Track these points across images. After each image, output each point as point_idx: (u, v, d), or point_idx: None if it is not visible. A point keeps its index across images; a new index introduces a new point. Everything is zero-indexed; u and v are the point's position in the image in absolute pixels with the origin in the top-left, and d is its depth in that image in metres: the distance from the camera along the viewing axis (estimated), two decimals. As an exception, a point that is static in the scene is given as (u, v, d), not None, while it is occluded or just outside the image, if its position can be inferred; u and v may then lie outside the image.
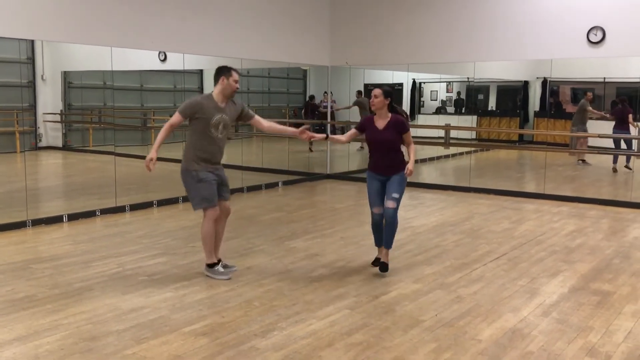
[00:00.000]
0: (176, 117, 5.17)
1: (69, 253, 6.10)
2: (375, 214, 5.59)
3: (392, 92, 5.55)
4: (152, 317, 4.36)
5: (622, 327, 4.29)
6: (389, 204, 5.39)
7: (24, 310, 4.45)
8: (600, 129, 11.60)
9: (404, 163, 5.42)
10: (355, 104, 13.44)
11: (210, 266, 5.33)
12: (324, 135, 5.70)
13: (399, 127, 5.40)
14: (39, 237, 6.84)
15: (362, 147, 13.71)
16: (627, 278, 5.46)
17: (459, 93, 15.76)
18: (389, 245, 5.52)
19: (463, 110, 15.64)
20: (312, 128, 13.36)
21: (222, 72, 5.18)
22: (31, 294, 4.81)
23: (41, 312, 4.42)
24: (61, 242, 6.59)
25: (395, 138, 5.41)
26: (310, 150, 13.56)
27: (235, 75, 5.17)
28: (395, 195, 5.38)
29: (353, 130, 5.63)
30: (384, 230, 5.52)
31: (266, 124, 5.53)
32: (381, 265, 5.50)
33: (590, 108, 12.01)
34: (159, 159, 5.28)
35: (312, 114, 13.76)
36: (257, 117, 5.49)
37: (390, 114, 5.43)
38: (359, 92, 13.52)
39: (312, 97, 13.99)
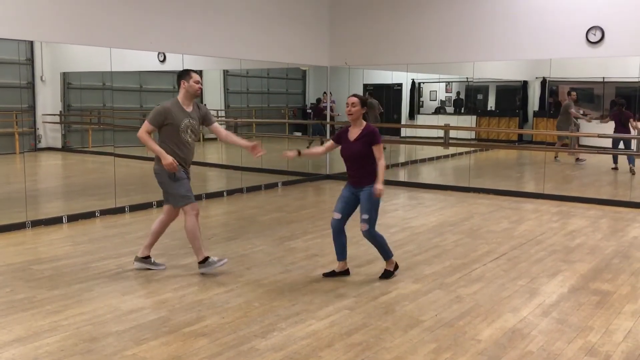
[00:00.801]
0: (146, 126, 5.28)
1: (69, 254, 6.10)
2: (333, 219, 5.37)
3: (367, 101, 5.42)
4: (152, 317, 4.36)
5: (621, 326, 4.29)
6: (361, 226, 5.24)
7: (23, 312, 4.45)
8: (600, 129, 11.61)
9: (373, 175, 5.16)
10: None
11: (203, 262, 5.38)
12: (295, 152, 5.35)
13: (370, 138, 5.16)
14: (39, 238, 6.84)
15: None
16: (626, 278, 5.47)
17: (458, 93, 15.76)
18: (386, 258, 5.43)
19: (462, 110, 15.64)
20: (313, 128, 13.41)
21: (181, 76, 5.36)
22: (31, 295, 4.80)
23: (41, 313, 4.42)
24: (61, 243, 6.58)
25: (365, 150, 5.17)
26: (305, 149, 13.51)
27: (195, 77, 5.34)
28: (365, 216, 5.17)
29: (330, 142, 5.50)
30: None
31: (224, 132, 5.71)
32: (383, 273, 5.40)
33: (573, 110, 12.00)
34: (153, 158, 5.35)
35: (320, 117, 13.74)
36: (216, 124, 5.66)
37: (364, 123, 5.26)
38: (371, 94, 13.49)
39: (319, 100, 13.93)
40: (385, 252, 5.41)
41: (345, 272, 5.44)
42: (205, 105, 5.63)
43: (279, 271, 5.55)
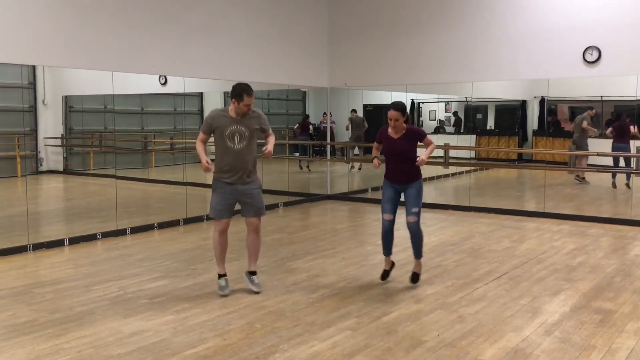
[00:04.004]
0: (199, 136, 5.43)
1: (70, 277, 6.10)
2: (385, 221, 5.68)
3: (405, 106, 5.59)
4: (154, 340, 4.36)
5: (624, 345, 4.28)
6: (410, 218, 5.53)
7: (25, 335, 4.44)
8: (599, 147, 11.65)
9: (419, 172, 5.51)
10: (349, 121, 13.57)
11: (218, 276, 5.48)
12: (378, 160, 5.70)
13: (415, 136, 5.51)
14: (40, 261, 6.84)
15: (353, 167, 13.80)
16: (628, 296, 5.46)
17: (455, 113, 15.84)
18: (418, 255, 5.69)
19: (462, 130, 15.70)
20: (312, 148, 13.48)
21: (233, 94, 5.27)
22: (32, 319, 4.80)
23: (42, 336, 4.42)
24: (62, 266, 6.59)
25: (411, 147, 5.48)
26: (307, 168, 13.59)
27: (246, 100, 5.24)
28: (415, 209, 5.52)
29: (375, 144, 5.74)
30: (411, 241, 5.68)
31: (270, 140, 5.56)
32: (413, 276, 5.64)
33: (585, 122, 11.84)
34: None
35: (306, 132, 13.84)
36: (271, 134, 5.54)
37: (405, 126, 5.52)
38: (353, 110, 13.62)
39: (307, 117, 14.12)
40: (421, 247, 5.67)
41: (392, 267, 5.86)
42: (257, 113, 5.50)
43: (280, 292, 5.55)
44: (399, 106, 5.48)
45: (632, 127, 10.99)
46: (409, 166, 5.53)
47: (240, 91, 5.24)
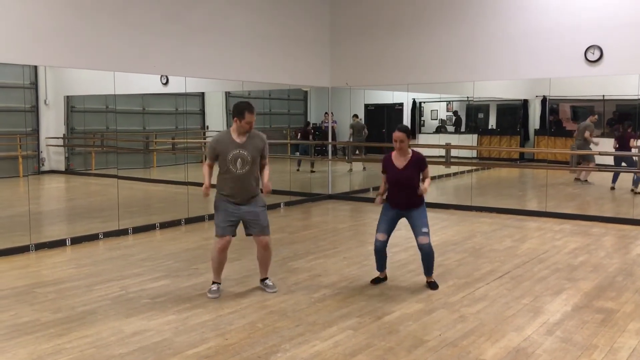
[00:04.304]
0: (206, 162, 5.44)
1: (72, 277, 6.11)
2: (378, 241, 5.68)
3: (409, 128, 5.62)
4: (156, 340, 4.36)
5: (626, 344, 4.28)
6: (423, 239, 5.56)
7: (27, 335, 4.45)
8: (601, 146, 11.61)
9: (421, 198, 5.54)
10: (350, 127, 13.59)
11: (212, 282, 5.52)
12: (381, 198, 5.67)
13: (419, 164, 5.54)
14: (42, 261, 6.85)
15: (351, 170, 13.81)
16: (630, 295, 5.45)
17: (455, 112, 15.83)
18: (429, 273, 5.71)
19: (462, 129, 15.69)
20: (314, 149, 13.48)
21: (235, 113, 5.26)
22: (34, 319, 4.81)
23: (44, 336, 4.42)
24: (64, 266, 6.59)
25: (415, 175, 5.51)
26: (312, 171, 13.61)
27: (248, 117, 5.21)
28: (425, 229, 5.55)
29: (383, 177, 5.70)
30: (423, 261, 5.69)
31: (265, 172, 5.49)
32: (431, 285, 5.65)
33: (588, 134, 11.78)
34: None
35: (305, 138, 13.88)
36: (266, 162, 5.47)
37: (410, 151, 5.55)
38: (355, 115, 13.62)
39: (307, 124, 14.16)
40: (433, 266, 5.71)
41: (385, 279, 5.86)
42: (257, 135, 5.44)
43: (282, 292, 5.55)
44: (403, 128, 5.52)
45: (632, 141, 10.91)
46: (413, 192, 5.52)
47: (241, 109, 5.23)
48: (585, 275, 6.13)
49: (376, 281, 5.82)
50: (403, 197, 5.52)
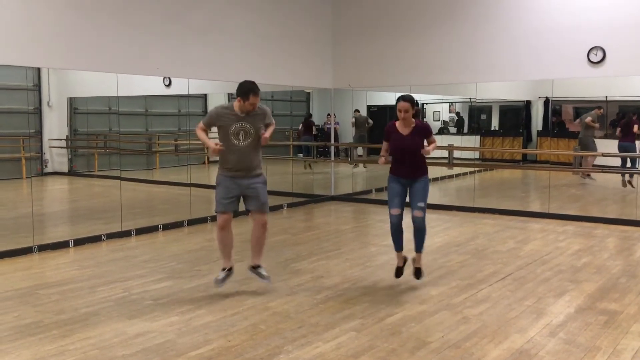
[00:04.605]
0: (200, 125, 5.42)
1: (75, 278, 6.12)
2: (392, 216, 5.67)
3: (413, 98, 5.65)
4: (159, 341, 4.36)
5: (629, 346, 4.27)
6: (417, 213, 5.54)
7: (30, 336, 4.46)
8: (605, 147, 11.60)
9: (426, 167, 5.57)
10: (354, 120, 13.56)
11: (222, 269, 5.50)
12: (382, 159, 5.68)
13: (424, 132, 5.57)
14: (45, 263, 6.86)
15: (357, 166, 13.78)
16: (634, 297, 5.44)
17: (457, 113, 15.82)
18: (420, 249, 5.67)
19: (465, 130, 15.67)
20: (316, 149, 13.48)
21: (239, 92, 5.24)
22: (38, 320, 4.82)
23: (48, 338, 4.43)
24: (67, 268, 6.61)
25: (419, 142, 5.52)
26: (309, 167, 13.60)
27: (252, 99, 5.21)
28: (421, 204, 5.54)
29: (384, 144, 5.71)
30: (414, 236, 5.64)
31: (267, 133, 5.45)
32: (415, 272, 5.66)
33: (590, 119, 11.69)
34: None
35: (309, 132, 13.83)
36: (272, 123, 5.51)
37: (414, 120, 5.56)
38: (357, 110, 13.61)
39: (309, 116, 14.11)
40: (423, 242, 5.67)
41: (405, 261, 5.79)
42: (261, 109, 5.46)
43: (284, 293, 5.55)
44: (408, 97, 5.55)
45: (635, 126, 10.94)
46: (417, 161, 5.57)
47: (247, 90, 5.22)
48: (589, 277, 6.12)
49: (399, 273, 5.78)
50: (407, 165, 5.51)
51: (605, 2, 9.06)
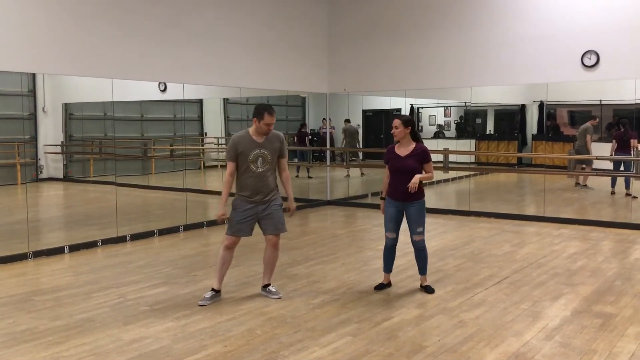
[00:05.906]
0: (229, 166, 5.41)
1: (71, 284, 6.10)
2: (388, 238, 5.75)
3: (412, 120, 5.70)
4: (154, 347, 4.35)
5: (625, 349, 4.28)
6: (417, 237, 5.66)
7: (25, 343, 4.44)
8: (599, 151, 11.64)
9: (422, 190, 5.57)
10: (343, 132, 13.61)
11: (211, 288, 5.50)
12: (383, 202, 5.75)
13: (422, 156, 5.56)
14: (40, 269, 6.83)
15: (348, 175, 13.82)
16: (629, 300, 5.46)
17: (461, 117, 15.86)
18: (424, 272, 5.80)
19: (456, 135, 15.70)
20: (312, 154, 13.49)
21: (255, 114, 5.30)
22: (33, 326, 4.80)
23: (43, 344, 4.41)
24: (62, 274, 6.58)
25: (416, 166, 5.52)
26: (310, 177, 13.61)
27: (267, 119, 5.26)
28: (419, 229, 5.62)
29: (385, 171, 5.76)
30: (417, 258, 5.79)
31: (285, 174, 5.61)
32: (426, 288, 5.71)
33: (589, 137, 11.77)
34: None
35: (302, 143, 13.88)
36: (284, 161, 5.58)
37: (414, 142, 5.59)
38: (347, 120, 13.65)
39: (302, 125, 14.16)
40: (426, 265, 5.79)
41: (389, 284, 5.87)
42: (278, 136, 5.51)
43: (281, 298, 5.54)
44: (402, 116, 5.67)
45: (633, 141, 10.89)
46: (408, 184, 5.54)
47: (261, 110, 5.28)
48: (584, 280, 6.13)
49: (380, 287, 5.82)
50: (403, 187, 5.51)
51: (598, 7, 9.11)
